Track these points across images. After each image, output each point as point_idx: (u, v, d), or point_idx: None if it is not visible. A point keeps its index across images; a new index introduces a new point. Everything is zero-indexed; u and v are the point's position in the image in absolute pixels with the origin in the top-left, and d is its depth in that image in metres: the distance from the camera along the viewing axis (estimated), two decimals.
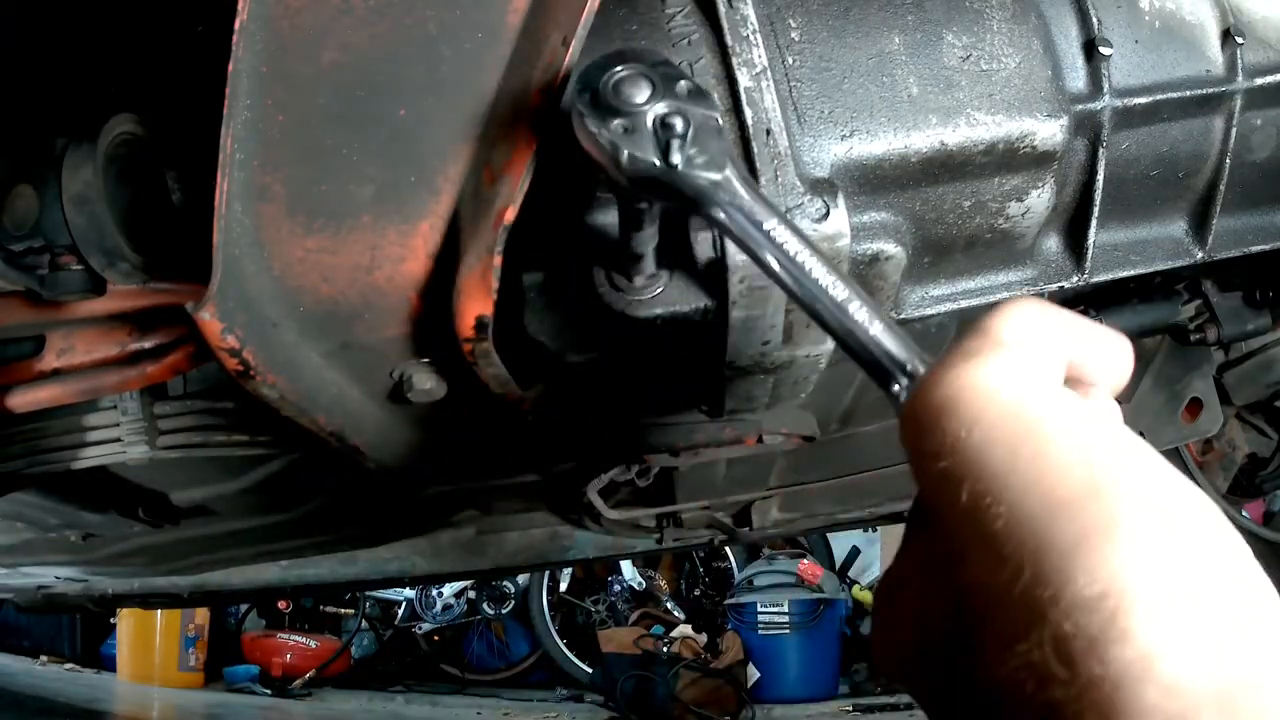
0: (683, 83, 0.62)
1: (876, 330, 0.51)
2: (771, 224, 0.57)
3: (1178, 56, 0.99)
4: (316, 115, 0.76)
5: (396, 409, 1.01)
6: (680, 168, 0.59)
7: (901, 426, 0.46)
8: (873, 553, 5.81)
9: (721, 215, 0.59)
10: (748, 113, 0.78)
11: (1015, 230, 0.94)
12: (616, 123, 0.60)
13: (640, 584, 5.90)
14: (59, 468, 1.30)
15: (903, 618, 0.46)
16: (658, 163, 0.60)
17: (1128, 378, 0.49)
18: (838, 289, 0.53)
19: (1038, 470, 0.40)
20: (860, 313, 0.52)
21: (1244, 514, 2.49)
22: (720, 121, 0.62)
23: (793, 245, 0.55)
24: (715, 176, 0.59)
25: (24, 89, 0.99)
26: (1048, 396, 0.42)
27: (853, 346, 0.52)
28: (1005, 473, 0.40)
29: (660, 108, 0.60)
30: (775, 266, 0.56)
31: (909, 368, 0.50)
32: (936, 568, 0.44)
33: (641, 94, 0.61)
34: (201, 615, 5.64)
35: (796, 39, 0.85)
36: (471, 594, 6.07)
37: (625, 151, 0.60)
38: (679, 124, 0.60)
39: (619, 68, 0.61)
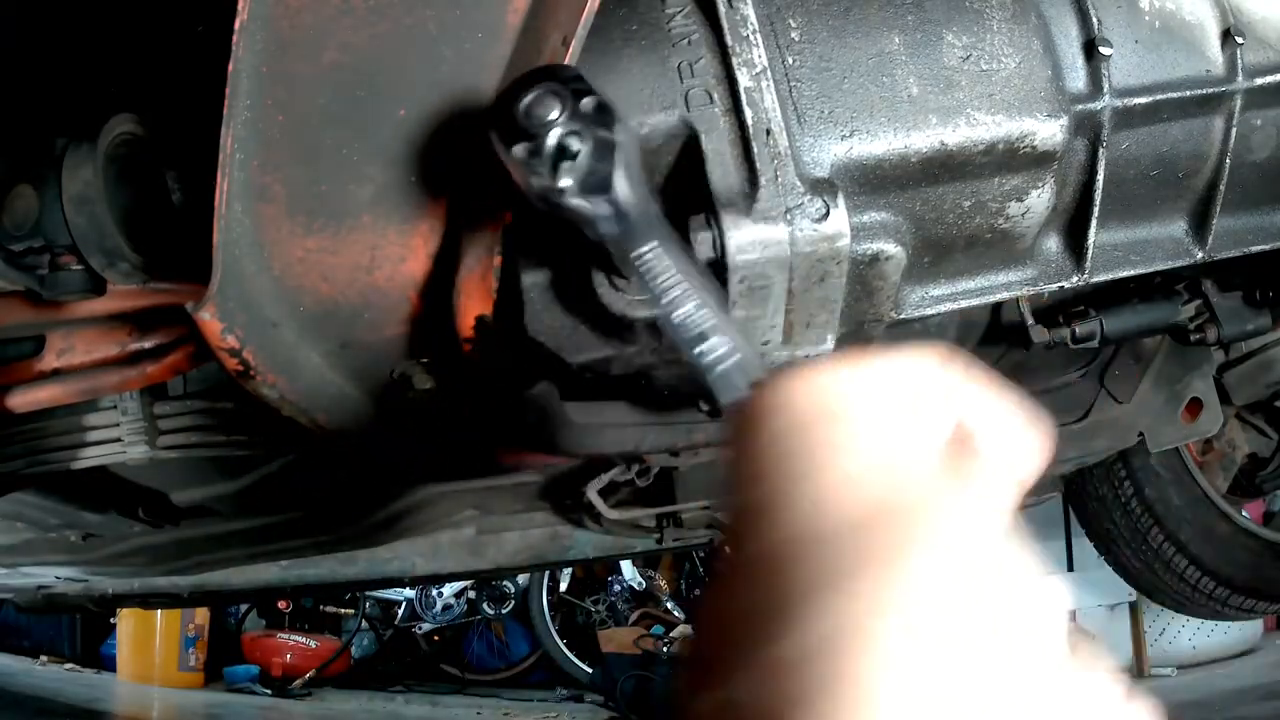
0: (588, 99, 0.62)
1: (726, 367, 0.50)
2: (648, 248, 0.57)
3: (1178, 56, 0.99)
4: (316, 115, 0.76)
5: (396, 409, 1.01)
6: (567, 194, 0.60)
7: (730, 416, 0.43)
8: None
9: (607, 239, 0.59)
10: (748, 113, 0.78)
11: (1015, 230, 0.94)
12: (521, 146, 0.61)
13: (640, 584, 5.90)
14: (59, 468, 1.30)
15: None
16: (546, 185, 0.60)
17: (1034, 467, 0.43)
18: (702, 317, 0.52)
19: (814, 507, 0.37)
20: (716, 349, 0.51)
21: (1244, 514, 2.49)
22: (619, 136, 0.62)
23: (665, 267, 0.55)
24: (598, 200, 0.60)
25: (24, 89, 0.99)
26: (879, 428, 0.39)
27: (702, 378, 0.51)
28: (782, 495, 0.38)
29: (561, 128, 0.61)
30: (654, 288, 0.55)
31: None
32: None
33: (549, 113, 0.61)
34: (201, 615, 5.63)
35: (796, 39, 0.85)
36: (471, 594, 6.07)
37: (522, 177, 0.61)
38: (574, 144, 0.60)
39: (531, 89, 0.62)
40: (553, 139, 0.61)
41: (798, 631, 0.35)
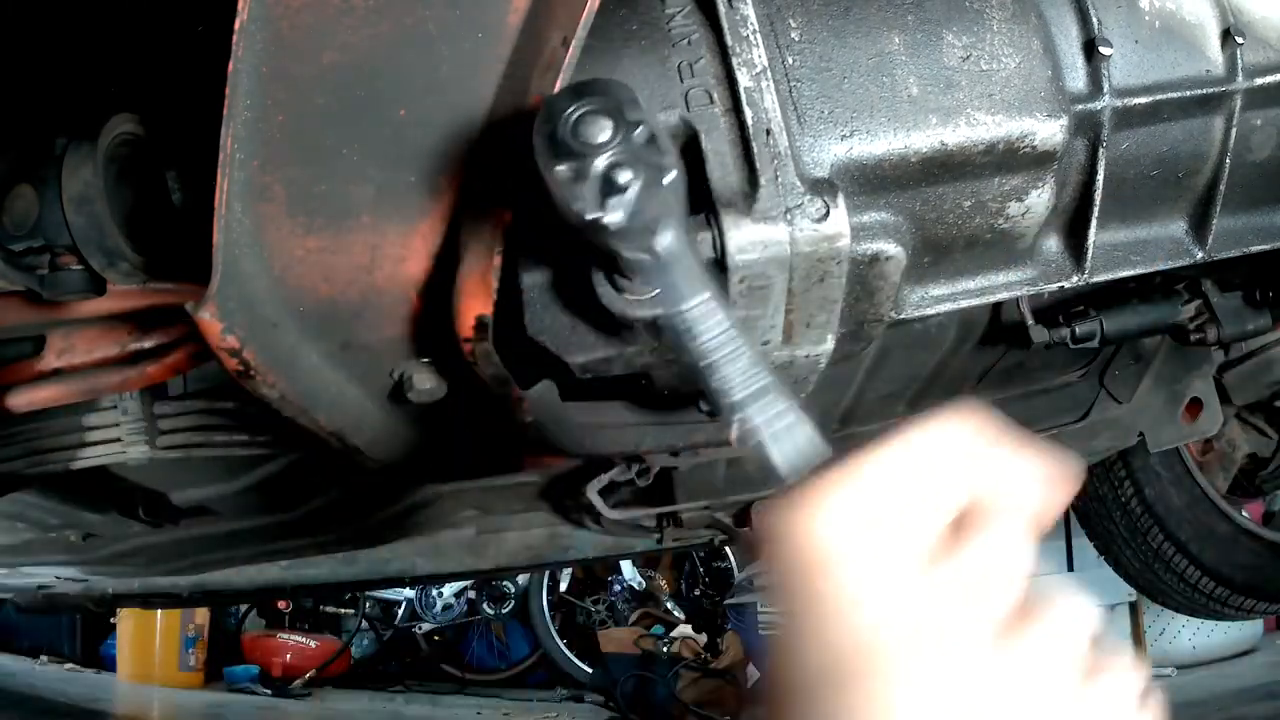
0: (642, 128, 0.59)
1: (764, 439, 0.50)
2: (699, 299, 0.55)
3: (1178, 56, 0.99)
4: (316, 115, 0.76)
5: (396, 409, 1.01)
6: (611, 228, 0.57)
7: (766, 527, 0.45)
8: None
9: (648, 282, 0.57)
10: (748, 113, 0.78)
11: (1015, 230, 0.94)
12: (566, 166, 0.58)
13: (640, 584, 5.90)
14: (59, 468, 1.30)
15: None
16: (592, 217, 0.57)
17: (1052, 504, 0.46)
18: (757, 376, 0.51)
19: (811, 640, 0.40)
20: (775, 408, 0.50)
21: (1244, 514, 2.49)
22: (670, 178, 0.59)
23: (717, 323, 0.54)
24: (646, 246, 0.57)
25: (24, 89, 0.99)
26: (867, 567, 0.41)
27: (753, 437, 0.50)
28: (794, 620, 0.41)
29: (611, 156, 0.58)
30: (698, 345, 0.54)
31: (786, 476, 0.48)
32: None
33: (598, 135, 0.58)
34: (201, 615, 5.63)
35: (796, 39, 0.85)
36: (471, 594, 6.07)
37: (563, 198, 0.58)
38: (624, 177, 0.57)
39: (582, 103, 0.59)
40: (600, 165, 0.58)
41: None
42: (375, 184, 0.79)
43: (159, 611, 5.13)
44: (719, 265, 0.75)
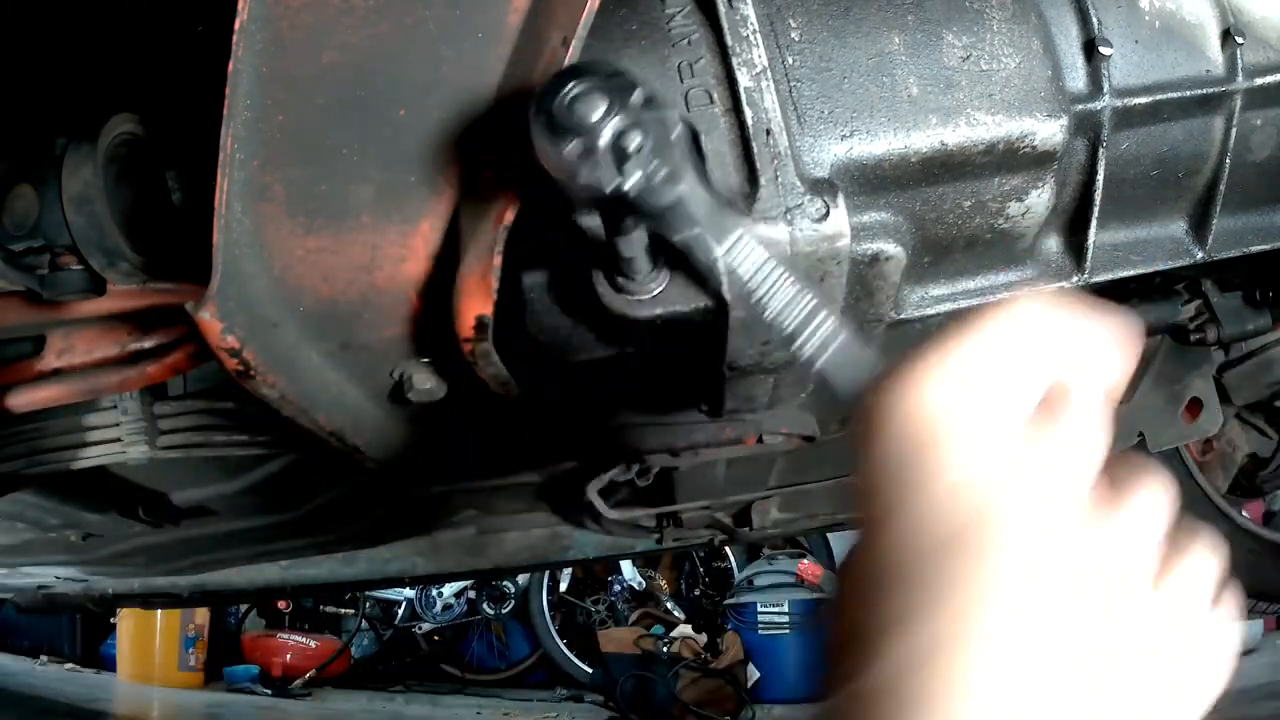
0: (637, 92, 0.60)
1: (837, 350, 0.50)
2: (734, 236, 0.56)
3: (1178, 56, 0.99)
4: (316, 115, 0.76)
5: (396, 409, 1.01)
6: (636, 191, 0.58)
7: (851, 424, 0.45)
8: None
9: (684, 232, 0.57)
10: (748, 113, 0.78)
11: (1015, 230, 0.94)
12: (573, 144, 0.59)
13: (640, 584, 5.90)
14: (59, 468, 1.30)
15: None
16: (613, 186, 0.58)
17: (1124, 368, 0.47)
18: (802, 302, 0.52)
19: (917, 523, 0.39)
20: (824, 331, 0.51)
21: (1244, 514, 2.49)
22: (678, 130, 0.60)
23: (756, 258, 0.54)
24: (673, 194, 0.58)
25: (24, 89, 0.99)
26: (978, 440, 0.41)
27: (814, 363, 0.51)
28: (894, 508, 0.40)
29: (615, 123, 0.59)
30: (741, 282, 0.54)
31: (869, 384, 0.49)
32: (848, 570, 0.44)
33: (596, 110, 0.59)
34: (201, 615, 5.63)
35: (796, 39, 0.85)
36: (471, 594, 6.07)
37: (581, 175, 0.58)
38: (634, 140, 0.58)
39: (571, 84, 0.60)
40: (607, 135, 0.58)
41: (892, 653, 0.37)
42: (375, 184, 0.79)
43: (159, 611, 5.13)
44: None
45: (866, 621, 0.39)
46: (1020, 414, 0.43)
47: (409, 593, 6.06)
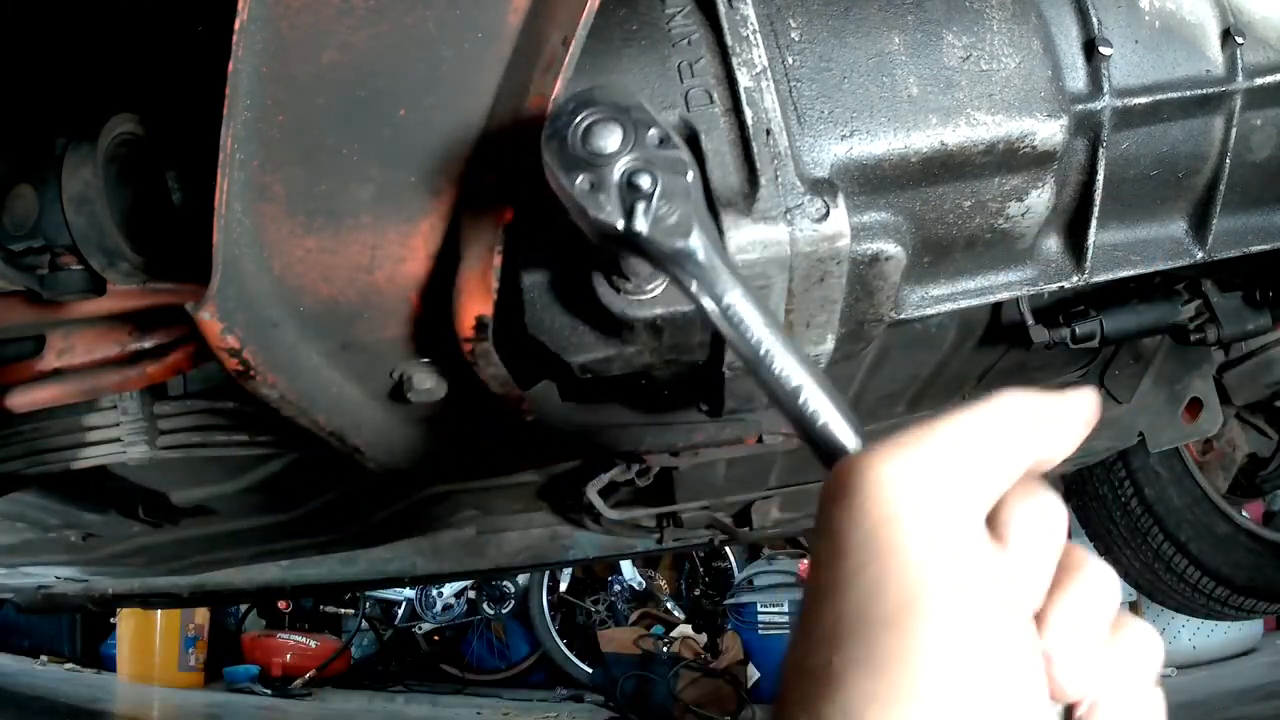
0: (653, 131, 0.59)
1: (826, 419, 0.50)
2: (733, 297, 0.55)
3: (1178, 56, 0.99)
4: (316, 115, 0.76)
5: (396, 409, 1.01)
6: (644, 233, 0.57)
7: (822, 488, 0.47)
8: None
9: (685, 282, 0.57)
10: (748, 113, 0.78)
11: (1015, 230, 0.94)
12: (583, 177, 0.58)
13: (640, 584, 5.90)
14: (59, 468, 1.30)
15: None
16: (621, 225, 0.57)
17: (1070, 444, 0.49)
18: (793, 373, 0.51)
19: (865, 598, 0.41)
20: (813, 400, 0.51)
21: (1244, 514, 2.49)
22: (690, 176, 0.59)
23: (753, 322, 0.54)
24: (679, 245, 0.57)
25: (24, 89, 0.99)
26: (933, 528, 0.43)
27: (802, 429, 0.51)
28: (846, 583, 0.42)
29: (627, 162, 0.58)
30: (732, 338, 0.54)
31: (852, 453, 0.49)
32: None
33: (610, 143, 0.58)
34: (201, 615, 5.64)
35: (796, 39, 0.85)
36: (471, 594, 6.07)
37: (589, 209, 0.58)
38: (646, 182, 0.57)
39: (589, 112, 0.59)
40: (618, 173, 0.58)
41: (834, 700, 0.40)
42: (375, 184, 0.79)
43: (159, 611, 5.13)
44: None
45: (814, 666, 0.41)
46: (982, 509, 0.45)
47: (409, 593, 6.07)
